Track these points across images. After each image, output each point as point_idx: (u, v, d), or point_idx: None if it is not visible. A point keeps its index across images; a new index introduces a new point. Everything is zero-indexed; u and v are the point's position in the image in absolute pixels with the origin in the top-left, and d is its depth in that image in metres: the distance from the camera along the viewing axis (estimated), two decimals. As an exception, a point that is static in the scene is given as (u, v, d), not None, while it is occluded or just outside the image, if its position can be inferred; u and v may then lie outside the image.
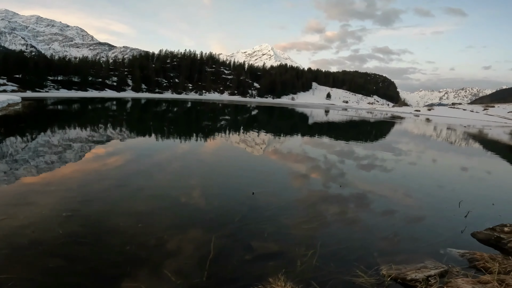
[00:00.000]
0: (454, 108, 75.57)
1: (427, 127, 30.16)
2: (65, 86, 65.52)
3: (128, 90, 79.30)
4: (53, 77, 66.41)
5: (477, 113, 64.04)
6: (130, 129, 13.76)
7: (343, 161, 8.75)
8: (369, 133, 20.90)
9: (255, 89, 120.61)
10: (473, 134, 25.23)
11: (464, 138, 20.64)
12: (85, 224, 3.70)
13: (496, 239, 3.82)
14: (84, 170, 6.00)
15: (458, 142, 17.95)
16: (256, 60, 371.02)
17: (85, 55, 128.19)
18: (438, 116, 57.90)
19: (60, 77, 67.89)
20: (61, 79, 67.81)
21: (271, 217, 4.21)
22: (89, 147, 8.37)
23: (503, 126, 42.98)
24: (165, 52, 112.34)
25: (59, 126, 12.88)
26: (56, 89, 62.59)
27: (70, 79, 69.04)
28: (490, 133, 27.84)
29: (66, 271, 2.79)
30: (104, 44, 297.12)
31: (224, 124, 19.58)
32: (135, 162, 7.03)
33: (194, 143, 10.72)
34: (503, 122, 52.17)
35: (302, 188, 5.88)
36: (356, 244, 3.56)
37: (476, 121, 51.61)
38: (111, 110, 26.27)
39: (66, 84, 66.73)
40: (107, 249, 3.18)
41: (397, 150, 11.79)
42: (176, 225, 3.84)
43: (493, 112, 64.52)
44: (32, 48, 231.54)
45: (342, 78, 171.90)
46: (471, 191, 6.71)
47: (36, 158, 6.73)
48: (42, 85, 60.67)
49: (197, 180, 5.93)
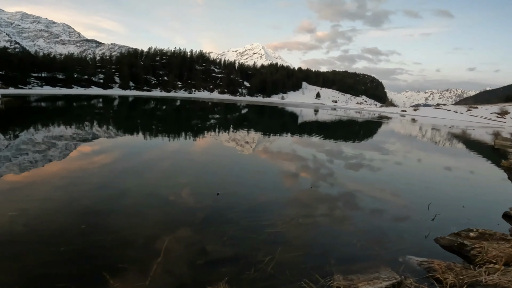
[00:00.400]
0: (438, 108, 77.51)
1: (412, 127, 30.82)
2: (50, 83, 63.84)
3: (115, 87, 77.82)
4: (37, 74, 64.66)
5: (461, 114, 65.86)
6: (109, 128, 13.50)
7: (320, 161, 8.68)
8: (356, 133, 21.19)
9: (245, 88, 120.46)
10: (456, 134, 25.92)
11: (447, 138, 21.16)
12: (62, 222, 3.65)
13: (459, 245, 3.62)
14: (53, 172, 5.84)
15: (440, 142, 18.39)
16: (247, 59, 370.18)
17: (71, 51, 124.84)
18: (423, 117, 59.26)
19: (44, 74, 66.15)
20: (46, 76, 66.09)
21: (234, 219, 4.07)
22: (65, 148, 8.16)
23: (486, 126, 44.35)
24: (155, 49, 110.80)
25: (36, 125, 12.51)
26: (40, 86, 60.94)
27: (55, 76, 67.35)
28: (473, 133, 28.67)
29: (48, 271, 2.75)
30: (91, 41, 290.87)
31: (211, 123, 19.46)
32: (107, 164, 6.90)
33: (168, 142, 10.61)
34: (485, 123, 53.86)
35: (274, 188, 5.75)
36: (318, 251, 3.43)
37: (460, 121, 53.08)
38: (96, 108, 25.72)
39: (51, 81, 65.01)
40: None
41: (373, 151, 11.89)
42: (132, 225, 3.71)
43: (476, 113, 66.48)
44: (16, 44, 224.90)
45: (332, 78, 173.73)
46: (443, 192, 6.58)
47: (9, 158, 6.53)
48: (26, 82, 58.94)
49: (166, 180, 5.75)
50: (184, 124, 17.58)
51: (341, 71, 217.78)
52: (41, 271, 2.75)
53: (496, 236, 3.82)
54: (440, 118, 57.12)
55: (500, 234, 3.92)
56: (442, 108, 78.92)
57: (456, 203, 5.68)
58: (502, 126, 50.33)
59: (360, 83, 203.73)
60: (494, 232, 3.93)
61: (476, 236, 3.80)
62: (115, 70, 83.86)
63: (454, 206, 5.55)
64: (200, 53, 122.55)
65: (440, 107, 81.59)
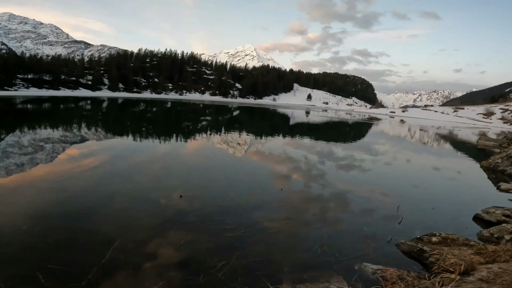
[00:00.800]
0: (426, 110, 79.06)
1: (399, 128, 31.31)
2: (36, 85, 62.38)
3: (104, 89, 76.62)
4: (23, 75, 63.14)
5: (448, 115, 67.36)
6: (92, 131, 13.24)
7: (297, 164, 8.62)
8: (345, 134, 21.35)
9: (236, 89, 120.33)
10: (442, 134, 26.45)
11: (432, 139, 21.52)
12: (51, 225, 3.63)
13: (418, 251, 3.37)
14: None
15: (425, 143, 18.69)
16: (239, 61, 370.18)
17: (59, 53, 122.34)
18: (411, 118, 60.36)
19: (30, 75, 64.61)
20: (32, 77, 64.54)
21: (196, 222, 3.93)
22: (46, 153, 7.94)
23: (472, 127, 45.44)
24: (145, 51, 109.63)
25: (20, 128, 12.16)
26: (26, 88, 59.45)
27: (42, 77, 65.84)
28: (459, 134, 29.29)
29: (36, 274, 2.69)
30: (80, 42, 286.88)
31: (192, 126, 19.30)
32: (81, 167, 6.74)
33: (138, 144, 10.47)
34: (471, 124, 55.21)
35: (245, 191, 5.59)
36: (276, 257, 3.26)
37: (447, 122, 54.27)
38: (82, 110, 25.21)
39: (37, 82, 63.54)
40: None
41: (353, 151, 12.01)
42: (85, 228, 3.62)
43: (463, 114, 68.08)
44: (3, 45, 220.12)
45: (322, 80, 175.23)
46: (415, 193, 6.39)
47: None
48: (11, 84, 57.44)
49: (128, 183, 5.59)
50: (165, 126, 17.39)
51: (332, 72, 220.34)
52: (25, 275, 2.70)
53: (459, 241, 3.60)
54: (427, 119, 58.27)
55: (464, 239, 3.70)
56: (430, 109, 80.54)
57: (426, 205, 5.43)
58: (488, 126, 51.69)
59: (350, 85, 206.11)
60: (458, 237, 3.71)
61: (438, 241, 3.57)
62: (104, 72, 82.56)
63: (423, 208, 5.32)
64: (191, 54, 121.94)
65: (427, 108, 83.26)
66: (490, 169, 9.46)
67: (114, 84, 79.27)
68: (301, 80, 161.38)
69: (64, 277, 2.67)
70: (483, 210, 4.97)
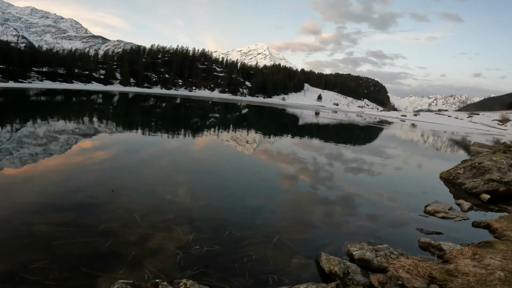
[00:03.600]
0: (439, 114, 77.07)
1: (404, 132, 30.54)
2: (50, 78, 63.96)
3: (116, 83, 77.88)
4: (38, 68, 64.83)
5: (461, 120, 65.43)
6: (99, 124, 13.34)
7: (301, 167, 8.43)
8: (340, 136, 20.93)
9: (246, 87, 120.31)
10: (456, 140, 25.64)
11: (431, 145, 20.85)
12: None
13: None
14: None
15: (415, 148, 18.10)
16: (251, 59, 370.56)
17: (77, 47, 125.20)
18: (423, 122, 58.84)
19: (45, 68, 66.30)
20: (47, 70, 66.21)
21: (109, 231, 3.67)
22: (44, 147, 7.99)
23: (485, 133, 43.96)
24: (157, 47, 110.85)
25: (25, 119, 12.36)
26: (40, 80, 61.06)
27: (56, 70, 67.44)
28: (466, 139, 28.30)
29: (43, 266, 2.80)
30: (97, 37, 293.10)
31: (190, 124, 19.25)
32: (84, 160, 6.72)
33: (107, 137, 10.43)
34: (485, 130, 53.42)
35: (184, 193, 5.33)
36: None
37: (460, 128, 52.66)
38: (93, 103, 25.60)
39: (51, 75, 65.13)
40: None
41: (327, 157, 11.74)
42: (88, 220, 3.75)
43: (477, 120, 66.01)
44: (23, 39, 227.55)
45: (334, 81, 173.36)
46: (348, 202, 5.76)
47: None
48: (26, 76, 59.06)
49: (132, 176, 5.77)
50: (171, 123, 17.39)
51: (344, 73, 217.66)
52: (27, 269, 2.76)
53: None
54: (440, 124, 56.72)
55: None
56: (443, 114, 78.50)
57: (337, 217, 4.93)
58: (502, 133, 49.90)
59: (362, 87, 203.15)
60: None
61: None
62: (117, 67, 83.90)
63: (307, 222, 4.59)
64: (202, 51, 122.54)
65: (441, 113, 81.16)
66: (449, 180, 8.14)
67: (126, 78, 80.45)
68: (312, 80, 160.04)
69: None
70: (323, 255, 3.26)
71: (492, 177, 7.21)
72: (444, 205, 5.65)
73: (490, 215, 5.56)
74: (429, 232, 4.46)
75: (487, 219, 5.03)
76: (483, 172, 7.61)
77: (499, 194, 6.84)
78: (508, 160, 8.09)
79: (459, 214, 5.39)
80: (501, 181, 7.02)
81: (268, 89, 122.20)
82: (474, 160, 8.49)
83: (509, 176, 7.29)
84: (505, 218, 5.14)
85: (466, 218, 5.24)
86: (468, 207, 5.89)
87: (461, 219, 5.21)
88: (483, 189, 6.98)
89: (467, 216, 5.33)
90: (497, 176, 7.17)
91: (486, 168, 7.70)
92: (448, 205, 5.67)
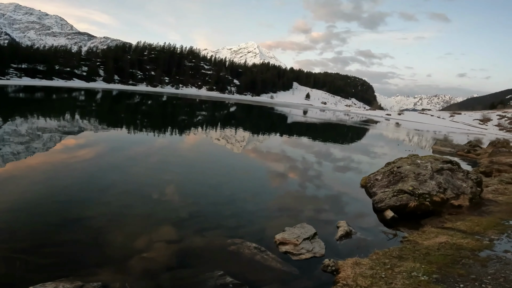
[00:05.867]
0: (423, 113, 78.64)
1: (384, 131, 30.85)
2: (29, 74, 61.92)
3: (99, 80, 75.92)
4: (17, 65, 62.79)
5: (443, 119, 66.94)
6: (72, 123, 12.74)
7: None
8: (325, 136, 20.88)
9: (234, 85, 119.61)
10: (436, 138, 25.99)
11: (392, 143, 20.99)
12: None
13: None
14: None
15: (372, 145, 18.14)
16: (241, 57, 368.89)
17: (62, 44, 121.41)
18: (407, 121, 59.86)
19: (25, 65, 64.17)
20: (26, 67, 64.08)
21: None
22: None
23: (466, 133, 44.99)
24: (144, 44, 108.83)
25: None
26: (18, 77, 58.96)
27: (36, 67, 65.30)
28: (454, 139, 28.75)
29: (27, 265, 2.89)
30: (83, 34, 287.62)
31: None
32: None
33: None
34: (467, 129, 54.77)
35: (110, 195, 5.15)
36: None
37: (442, 127, 53.82)
38: (75, 101, 24.68)
39: (31, 72, 63.03)
40: None
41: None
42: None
43: (459, 119, 67.68)
44: (6, 35, 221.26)
45: (323, 80, 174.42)
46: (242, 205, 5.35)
47: None
48: (4, 73, 56.99)
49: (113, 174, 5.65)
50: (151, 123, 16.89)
51: (333, 73, 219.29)
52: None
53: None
54: (423, 123, 57.78)
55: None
56: (426, 113, 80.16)
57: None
58: (483, 132, 51.28)
59: (350, 86, 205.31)
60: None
61: None
62: (101, 63, 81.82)
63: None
64: (190, 49, 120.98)
65: (424, 112, 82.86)
66: (366, 188, 6.82)
67: (110, 76, 78.55)
68: (301, 79, 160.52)
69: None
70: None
71: (404, 187, 5.64)
72: (304, 232, 4.08)
73: (364, 249, 3.96)
74: (224, 284, 2.84)
75: (341, 261, 3.49)
76: (398, 180, 6.11)
77: (408, 211, 5.32)
78: (436, 164, 6.46)
79: (313, 248, 3.86)
80: (414, 193, 5.48)
81: (257, 87, 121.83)
82: (395, 163, 7.01)
83: (427, 186, 5.66)
84: (373, 260, 3.51)
85: (319, 255, 3.76)
86: (342, 234, 4.29)
87: (312, 256, 3.73)
88: (390, 203, 5.37)
89: (322, 252, 3.84)
90: (409, 187, 5.63)
91: (403, 174, 6.18)
92: (310, 232, 4.12)
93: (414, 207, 5.34)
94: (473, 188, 5.97)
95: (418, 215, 5.36)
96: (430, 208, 5.41)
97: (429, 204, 5.41)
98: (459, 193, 5.78)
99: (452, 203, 5.58)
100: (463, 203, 5.62)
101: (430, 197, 5.49)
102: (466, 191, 5.86)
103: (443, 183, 5.83)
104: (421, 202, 5.40)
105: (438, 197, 5.52)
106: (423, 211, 5.38)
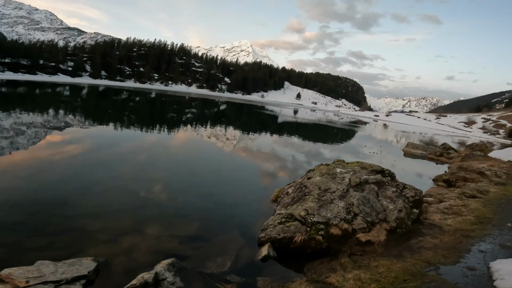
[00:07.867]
0: (410, 115, 79.93)
1: (364, 131, 31.08)
2: (12, 69, 60.21)
3: (85, 76, 74.20)
4: (0, 59, 60.93)
5: (429, 121, 68.16)
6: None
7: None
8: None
9: (225, 84, 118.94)
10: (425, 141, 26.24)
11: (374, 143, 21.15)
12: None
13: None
14: None
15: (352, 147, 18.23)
16: (234, 56, 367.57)
17: (51, 39, 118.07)
18: (394, 122, 60.71)
19: (8, 59, 62.36)
20: (9, 61, 62.30)
21: None
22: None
23: (451, 135, 45.85)
24: (133, 40, 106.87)
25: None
26: (1, 71, 57.20)
27: (19, 61, 63.49)
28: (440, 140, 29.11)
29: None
30: (73, 29, 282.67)
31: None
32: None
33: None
34: (451, 132, 55.87)
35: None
36: None
37: (427, 129, 54.74)
38: (59, 96, 23.84)
39: (13, 66, 61.29)
40: None
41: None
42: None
43: (444, 121, 69.03)
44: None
45: (314, 80, 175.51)
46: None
47: None
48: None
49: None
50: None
51: (325, 73, 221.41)
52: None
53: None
54: (409, 125, 58.68)
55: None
56: (413, 115, 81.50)
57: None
58: (467, 135, 52.36)
59: (341, 86, 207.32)
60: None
61: None
62: (87, 59, 79.99)
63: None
64: (181, 46, 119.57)
65: (411, 114, 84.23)
66: (276, 202, 5.27)
67: (97, 71, 76.83)
68: (292, 78, 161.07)
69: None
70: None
71: (295, 211, 4.04)
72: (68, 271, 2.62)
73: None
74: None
75: None
76: (300, 197, 4.53)
77: (294, 248, 3.69)
78: (360, 174, 4.88)
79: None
80: (306, 220, 3.88)
81: (248, 86, 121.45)
82: (309, 173, 5.32)
83: (330, 210, 4.06)
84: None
85: None
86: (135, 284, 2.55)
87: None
88: (272, 234, 3.79)
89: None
90: (302, 211, 4.00)
91: (307, 190, 4.58)
92: (78, 272, 2.69)
93: (301, 243, 3.66)
94: (402, 211, 4.32)
95: (308, 254, 3.68)
96: (323, 245, 3.70)
97: (321, 240, 3.69)
98: (377, 221, 4.08)
99: (358, 238, 3.82)
100: (375, 238, 3.83)
101: (327, 228, 3.80)
102: (390, 217, 4.18)
103: (355, 206, 4.15)
104: (311, 236, 3.70)
105: (338, 229, 3.80)
106: (314, 249, 3.70)
